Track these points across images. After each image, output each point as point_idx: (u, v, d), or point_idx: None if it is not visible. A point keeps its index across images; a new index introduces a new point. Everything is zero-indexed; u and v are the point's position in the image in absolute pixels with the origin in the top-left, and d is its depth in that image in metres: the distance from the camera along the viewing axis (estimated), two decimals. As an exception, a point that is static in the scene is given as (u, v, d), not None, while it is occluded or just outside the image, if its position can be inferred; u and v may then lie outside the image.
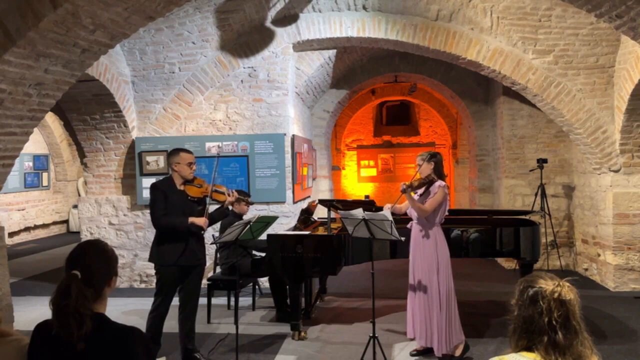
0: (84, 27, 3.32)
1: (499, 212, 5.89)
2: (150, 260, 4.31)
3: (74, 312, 1.65)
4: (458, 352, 4.31)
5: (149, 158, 6.82)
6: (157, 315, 4.23)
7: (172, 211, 4.17)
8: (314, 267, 4.85)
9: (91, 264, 1.76)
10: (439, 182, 4.25)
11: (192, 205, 4.30)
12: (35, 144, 11.93)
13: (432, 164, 4.29)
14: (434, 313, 4.23)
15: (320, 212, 6.36)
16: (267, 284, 6.20)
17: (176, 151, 4.29)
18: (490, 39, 6.30)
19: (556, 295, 1.59)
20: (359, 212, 4.08)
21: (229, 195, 4.32)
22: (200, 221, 4.17)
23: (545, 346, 1.57)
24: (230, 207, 4.54)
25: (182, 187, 4.26)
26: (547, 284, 1.62)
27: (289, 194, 6.75)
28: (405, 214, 4.53)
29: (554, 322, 1.57)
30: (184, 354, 4.37)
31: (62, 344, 1.69)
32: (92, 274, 1.74)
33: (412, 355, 4.44)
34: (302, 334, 4.90)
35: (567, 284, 1.64)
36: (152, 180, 4.48)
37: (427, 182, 4.26)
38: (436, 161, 4.32)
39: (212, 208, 4.37)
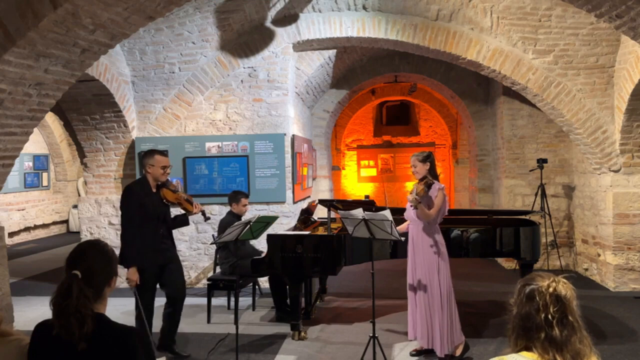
0: (84, 27, 3.32)
1: (499, 212, 5.89)
2: (121, 263, 4.28)
3: (75, 312, 1.65)
4: (458, 352, 4.31)
5: (149, 158, 6.81)
6: (144, 317, 4.24)
7: (146, 215, 4.20)
8: (314, 267, 4.85)
9: (92, 264, 1.76)
10: (437, 185, 4.28)
11: (165, 208, 4.37)
12: (35, 144, 11.93)
13: (427, 165, 4.32)
14: (436, 313, 4.23)
15: (320, 212, 6.36)
16: (267, 284, 6.20)
17: (151, 153, 4.31)
18: (490, 39, 6.30)
19: (551, 290, 1.61)
20: (359, 212, 4.08)
21: (194, 208, 4.42)
22: (133, 277, 4.10)
23: (542, 343, 1.58)
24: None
25: (155, 190, 4.32)
26: (543, 281, 1.64)
27: (289, 194, 6.75)
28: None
29: (550, 318, 1.58)
30: (165, 346, 4.40)
31: (62, 344, 1.69)
32: (92, 274, 1.73)
33: (412, 355, 4.44)
34: (302, 334, 4.90)
35: (563, 279, 1.65)
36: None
37: (428, 187, 4.26)
38: (431, 161, 4.35)
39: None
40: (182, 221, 4.56)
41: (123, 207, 4.24)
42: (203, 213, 4.53)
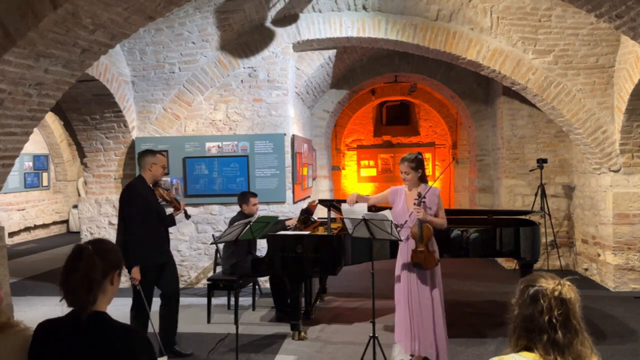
0: (84, 27, 3.32)
1: (499, 212, 5.89)
2: (126, 264, 4.25)
3: (82, 277, 1.67)
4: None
5: (149, 158, 6.81)
6: (144, 319, 4.26)
7: (148, 212, 4.30)
8: (314, 267, 4.84)
9: (102, 244, 1.80)
10: (432, 190, 4.09)
11: (161, 207, 4.49)
12: (35, 144, 11.93)
13: (419, 173, 4.15)
14: (439, 322, 4.01)
15: (320, 212, 6.36)
16: (267, 284, 6.20)
17: (153, 152, 4.48)
18: (490, 39, 6.30)
19: (557, 293, 1.59)
20: (359, 212, 4.07)
21: (180, 206, 4.62)
22: (137, 275, 4.20)
23: (544, 345, 1.57)
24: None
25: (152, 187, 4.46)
26: (548, 283, 1.63)
27: (289, 194, 6.75)
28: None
29: (554, 321, 1.57)
30: (167, 347, 4.40)
31: (63, 342, 1.69)
32: (103, 250, 1.77)
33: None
34: (302, 334, 4.90)
35: (568, 282, 1.64)
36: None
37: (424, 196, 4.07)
38: (423, 167, 4.19)
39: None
40: (172, 220, 4.61)
41: (126, 204, 4.25)
42: (185, 211, 4.68)
